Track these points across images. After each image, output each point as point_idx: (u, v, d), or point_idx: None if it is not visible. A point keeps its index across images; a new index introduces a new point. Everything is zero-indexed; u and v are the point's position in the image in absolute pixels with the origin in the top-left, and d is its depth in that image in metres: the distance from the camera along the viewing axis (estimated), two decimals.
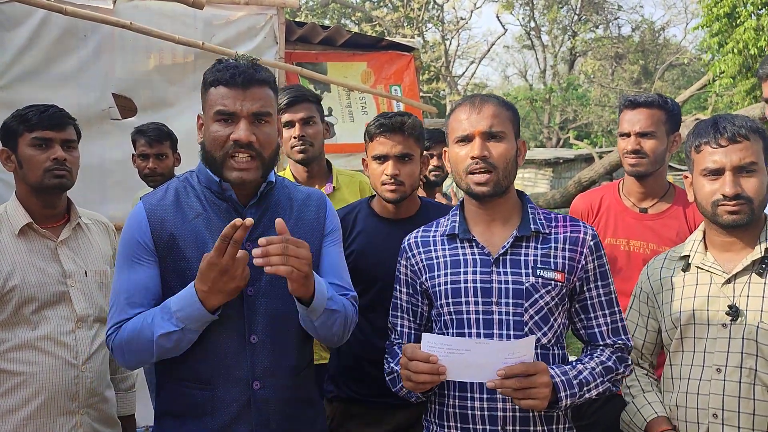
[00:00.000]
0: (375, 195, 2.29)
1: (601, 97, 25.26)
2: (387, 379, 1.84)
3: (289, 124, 2.57)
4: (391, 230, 2.19)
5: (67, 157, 2.08)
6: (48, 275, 2.05)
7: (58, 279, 2.06)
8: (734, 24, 10.97)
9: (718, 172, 1.76)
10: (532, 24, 28.64)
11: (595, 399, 2.44)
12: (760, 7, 10.63)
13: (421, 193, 3.24)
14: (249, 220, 1.49)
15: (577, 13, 28.00)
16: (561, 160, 19.23)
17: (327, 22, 21.98)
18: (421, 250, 1.84)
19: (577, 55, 29.48)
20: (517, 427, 1.67)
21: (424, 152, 3.28)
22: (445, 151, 1.88)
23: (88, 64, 3.93)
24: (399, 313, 1.89)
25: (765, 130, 1.77)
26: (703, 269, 1.83)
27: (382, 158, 2.17)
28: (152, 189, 3.47)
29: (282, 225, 1.54)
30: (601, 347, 1.77)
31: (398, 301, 1.90)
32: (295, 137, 2.56)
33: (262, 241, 1.49)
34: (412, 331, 1.88)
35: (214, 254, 1.50)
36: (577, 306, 1.79)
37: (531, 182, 18.94)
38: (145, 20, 3.96)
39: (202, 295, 1.54)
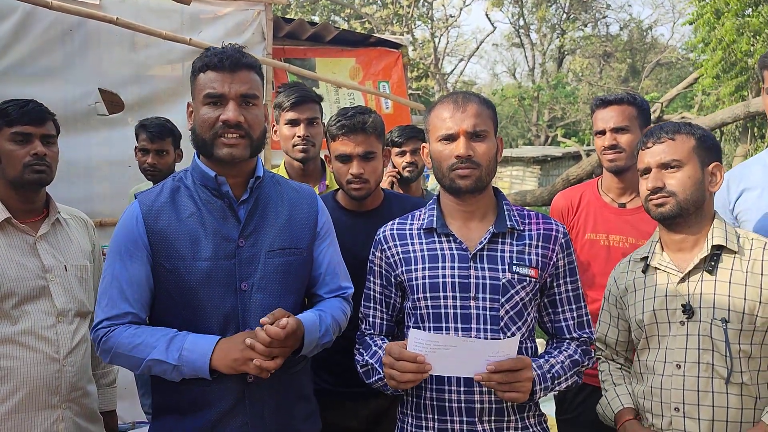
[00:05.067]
0: (339, 188, 2.32)
1: (589, 95, 25.28)
2: (360, 371, 1.85)
3: (294, 123, 2.57)
4: (357, 222, 2.25)
5: (46, 152, 2.08)
6: (27, 270, 2.04)
7: (38, 273, 2.06)
8: (720, 23, 10.98)
9: (645, 171, 1.88)
10: (521, 22, 28.71)
11: (577, 394, 2.49)
12: (745, 6, 10.64)
13: (398, 189, 3.25)
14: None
15: (565, 11, 28.09)
16: (549, 158, 19.32)
17: (317, 19, 21.92)
18: (398, 242, 1.85)
19: (566, 53, 29.59)
20: (493, 418, 1.70)
21: (412, 149, 3.29)
22: (423, 147, 1.89)
23: (74, 59, 3.90)
24: (371, 304, 1.91)
25: (697, 129, 1.85)
26: (660, 269, 1.90)
27: (345, 158, 2.20)
28: (150, 182, 3.46)
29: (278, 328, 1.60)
30: (567, 340, 1.83)
31: (371, 292, 1.91)
32: (299, 136, 2.56)
33: (263, 335, 1.57)
34: (384, 322, 1.90)
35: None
36: (545, 300, 1.83)
37: (519, 179, 19.01)
38: (131, 15, 3.94)
39: (217, 358, 1.61)
